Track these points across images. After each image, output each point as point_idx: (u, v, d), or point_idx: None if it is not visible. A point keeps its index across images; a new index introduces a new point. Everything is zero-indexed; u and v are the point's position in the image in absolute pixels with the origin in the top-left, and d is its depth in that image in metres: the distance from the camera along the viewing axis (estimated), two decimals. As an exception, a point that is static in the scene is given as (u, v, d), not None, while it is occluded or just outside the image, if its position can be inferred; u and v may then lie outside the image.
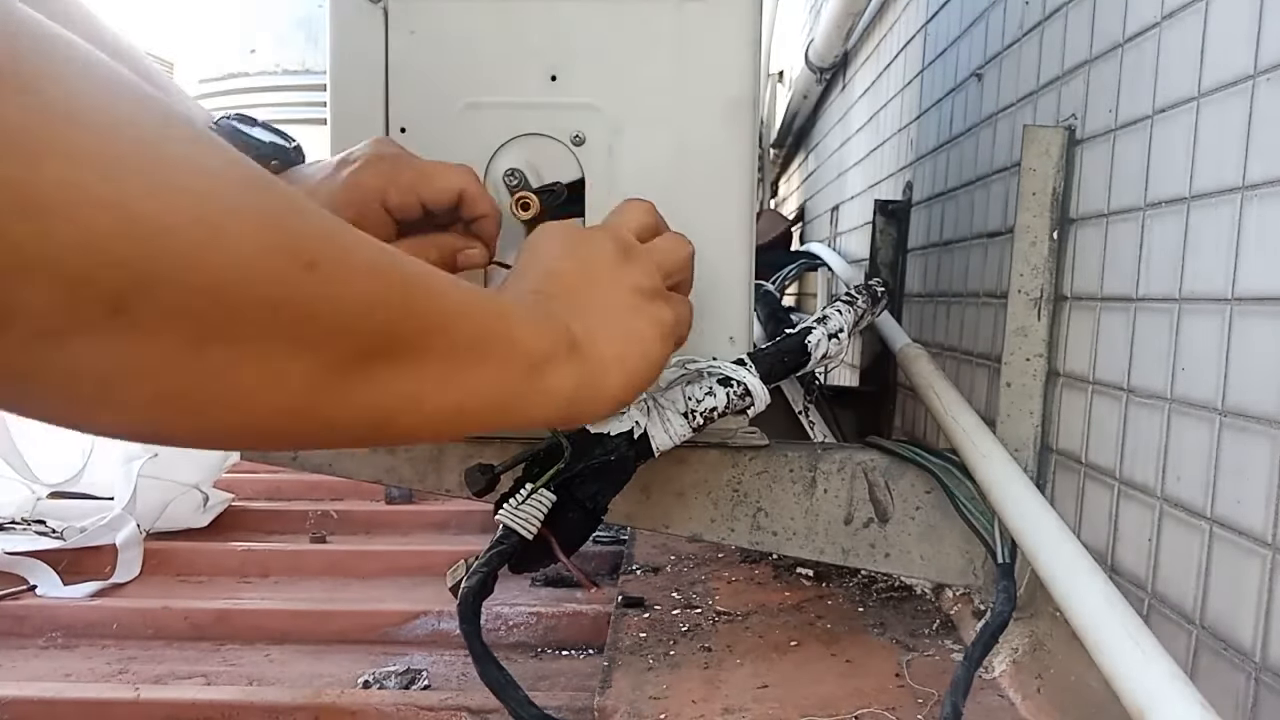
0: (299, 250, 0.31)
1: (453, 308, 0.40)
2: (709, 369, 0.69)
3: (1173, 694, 0.47)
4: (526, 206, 0.69)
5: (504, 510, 0.67)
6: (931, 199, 1.18)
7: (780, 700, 0.72)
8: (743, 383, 0.68)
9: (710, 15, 0.69)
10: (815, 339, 0.73)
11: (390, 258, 0.37)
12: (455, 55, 0.70)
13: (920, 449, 0.81)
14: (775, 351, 0.71)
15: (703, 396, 0.67)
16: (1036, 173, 0.75)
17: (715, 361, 0.70)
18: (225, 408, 0.32)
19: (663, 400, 0.67)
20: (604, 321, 0.51)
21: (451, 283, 0.41)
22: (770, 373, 0.70)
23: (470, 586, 0.70)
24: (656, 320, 0.53)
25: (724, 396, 0.68)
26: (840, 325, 0.74)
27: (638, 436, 0.66)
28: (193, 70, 2.66)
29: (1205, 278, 0.56)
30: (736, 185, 0.71)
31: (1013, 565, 0.71)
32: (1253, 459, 0.50)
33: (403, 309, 0.37)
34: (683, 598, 0.96)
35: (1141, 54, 0.65)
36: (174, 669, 1.02)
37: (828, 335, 0.73)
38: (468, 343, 0.41)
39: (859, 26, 1.77)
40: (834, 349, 0.74)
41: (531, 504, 0.67)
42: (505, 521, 0.68)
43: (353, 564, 1.33)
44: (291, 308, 0.31)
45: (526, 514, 0.67)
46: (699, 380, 0.68)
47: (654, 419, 0.67)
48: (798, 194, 2.80)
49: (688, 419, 0.67)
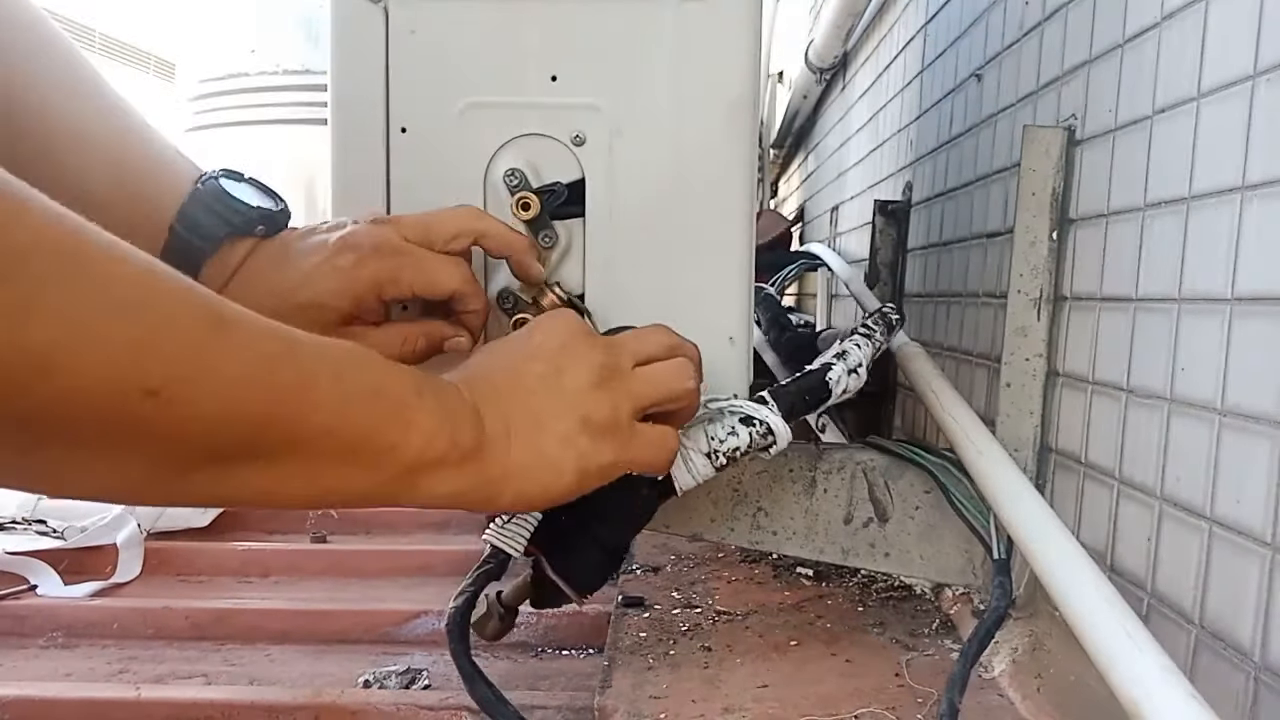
0: (141, 380, 0.34)
1: (324, 422, 0.42)
2: (730, 408, 0.68)
3: (1165, 686, 0.48)
4: (527, 206, 0.69)
5: (490, 530, 0.68)
6: (931, 199, 1.18)
7: (780, 700, 0.72)
8: (765, 422, 0.68)
9: (710, 15, 0.69)
10: (836, 375, 0.72)
11: (267, 372, 0.39)
12: (455, 55, 0.70)
13: (918, 448, 0.81)
14: (797, 390, 0.71)
15: (725, 436, 0.67)
16: (1036, 173, 0.75)
17: (736, 400, 0.69)
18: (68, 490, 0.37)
19: (685, 440, 0.66)
20: (529, 435, 0.51)
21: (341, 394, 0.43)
22: (792, 410, 0.70)
23: (457, 606, 0.71)
24: (582, 457, 0.52)
25: (747, 436, 0.67)
26: (859, 360, 0.74)
27: (661, 478, 0.65)
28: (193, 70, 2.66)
29: (1205, 278, 0.56)
30: (736, 185, 0.71)
31: (1008, 561, 0.72)
32: (1253, 459, 0.50)
33: (263, 423, 0.39)
34: (683, 597, 0.96)
35: (1141, 54, 0.65)
36: (174, 669, 1.02)
37: (848, 371, 0.73)
38: (336, 450, 0.43)
39: (859, 27, 1.77)
40: (854, 384, 0.73)
41: (518, 522, 0.68)
42: (492, 541, 0.68)
43: (353, 564, 1.33)
44: (126, 427, 0.35)
45: (513, 532, 0.68)
46: (720, 419, 0.68)
47: (677, 459, 0.65)
48: (798, 194, 2.80)
49: (710, 459, 0.66)
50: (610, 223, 0.71)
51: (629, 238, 0.71)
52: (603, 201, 0.70)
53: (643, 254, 0.71)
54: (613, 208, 0.70)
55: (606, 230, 0.71)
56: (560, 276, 0.71)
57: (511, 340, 0.56)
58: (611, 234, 0.71)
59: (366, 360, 0.46)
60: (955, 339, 1.02)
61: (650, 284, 0.71)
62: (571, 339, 0.55)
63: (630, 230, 0.71)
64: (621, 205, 0.70)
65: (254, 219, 0.64)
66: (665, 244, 0.71)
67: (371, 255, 0.62)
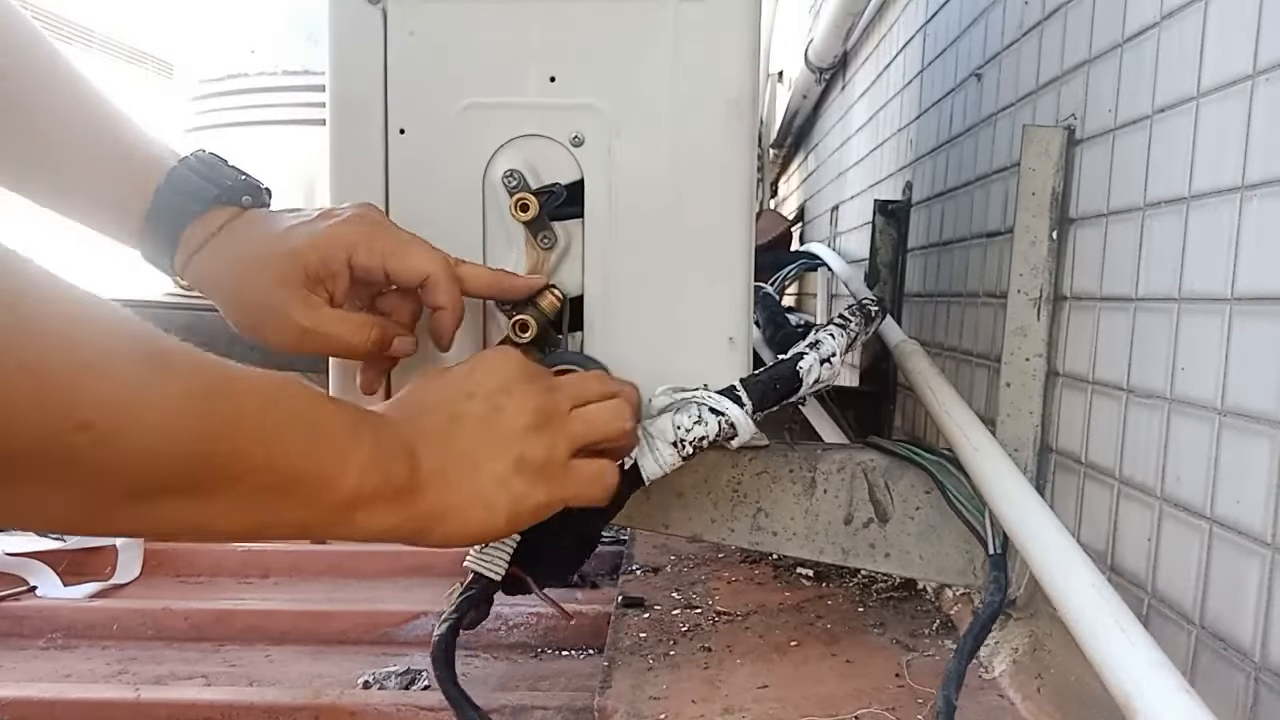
0: (71, 414, 0.34)
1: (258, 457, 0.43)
2: (697, 399, 0.69)
3: (1157, 680, 0.48)
4: (525, 208, 0.69)
5: (471, 556, 0.69)
6: (931, 199, 1.18)
7: (780, 700, 0.72)
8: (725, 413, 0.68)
9: (710, 15, 0.69)
10: (807, 364, 0.72)
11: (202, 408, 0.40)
12: (454, 56, 0.70)
13: (917, 447, 0.81)
14: (767, 379, 0.71)
15: (691, 425, 0.67)
16: (1036, 173, 0.75)
17: (702, 391, 0.69)
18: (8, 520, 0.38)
19: (652, 430, 0.67)
20: (463, 475, 0.52)
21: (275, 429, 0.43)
22: (762, 400, 0.70)
23: (441, 634, 0.71)
24: (515, 499, 0.54)
25: (715, 425, 0.68)
26: (833, 350, 0.74)
27: (628, 468, 0.66)
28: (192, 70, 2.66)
29: (1205, 278, 0.56)
30: (736, 185, 0.71)
31: (1004, 556, 0.72)
32: (1253, 459, 0.50)
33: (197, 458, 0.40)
34: (683, 598, 0.96)
35: (1141, 54, 0.64)
36: (174, 669, 1.02)
37: (819, 361, 0.73)
38: (270, 484, 0.44)
39: (858, 27, 1.77)
40: (826, 374, 0.73)
41: (496, 546, 0.68)
42: (472, 567, 0.69)
43: (353, 564, 1.33)
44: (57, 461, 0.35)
45: (492, 557, 0.68)
46: (686, 408, 0.68)
47: (643, 449, 0.67)
48: (798, 194, 2.80)
49: (677, 448, 0.67)
50: (609, 223, 0.71)
51: (628, 238, 0.71)
52: (601, 202, 0.70)
53: (642, 255, 0.71)
54: (612, 208, 0.70)
55: (605, 231, 0.71)
56: (559, 277, 0.71)
57: (453, 374, 0.57)
58: (610, 235, 0.71)
59: (302, 396, 0.46)
60: (955, 339, 1.02)
61: (649, 284, 0.71)
62: (511, 380, 0.56)
63: (629, 231, 0.71)
64: (620, 206, 0.70)
65: (240, 189, 0.66)
66: (664, 245, 0.71)
67: (351, 220, 0.63)
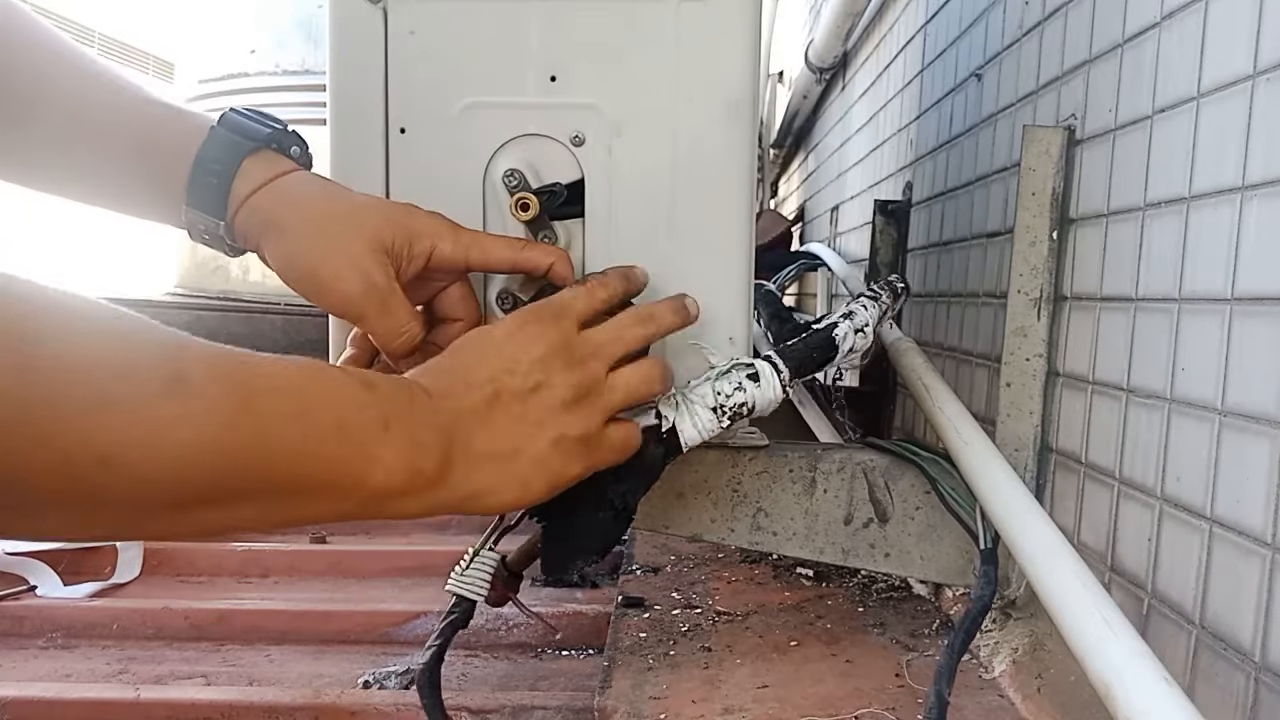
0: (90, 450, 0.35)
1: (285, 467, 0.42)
2: (738, 364, 0.67)
3: (1138, 670, 0.48)
4: (526, 207, 0.69)
5: (452, 580, 0.69)
6: (931, 199, 1.18)
7: (780, 700, 0.72)
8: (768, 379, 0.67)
9: (710, 15, 0.69)
10: (842, 332, 0.72)
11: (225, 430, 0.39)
12: (455, 55, 0.70)
13: (914, 446, 0.81)
14: (804, 346, 0.70)
15: (732, 391, 0.65)
16: (1036, 173, 0.75)
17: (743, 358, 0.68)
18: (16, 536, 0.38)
19: (692, 395, 0.65)
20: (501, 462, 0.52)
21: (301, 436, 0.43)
22: (800, 367, 0.69)
23: (426, 662, 0.71)
24: (554, 475, 0.53)
25: (753, 392, 0.66)
26: (866, 320, 0.74)
27: (665, 432, 0.63)
28: (193, 70, 2.66)
29: (1205, 278, 0.56)
30: (736, 185, 0.71)
31: (995, 551, 0.72)
32: (1253, 459, 0.50)
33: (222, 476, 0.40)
34: (683, 598, 0.96)
35: (1141, 54, 0.65)
36: (174, 669, 1.02)
37: (854, 330, 0.73)
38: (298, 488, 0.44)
39: (858, 27, 1.77)
40: (860, 343, 0.73)
41: (476, 567, 0.68)
42: (455, 590, 0.69)
43: (353, 564, 1.33)
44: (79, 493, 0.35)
45: (473, 578, 0.68)
46: (727, 375, 0.66)
47: (683, 413, 0.64)
48: (798, 194, 2.80)
49: (717, 414, 0.65)
50: (609, 223, 0.71)
51: (628, 238, 0.71)
52: (602, 202, 0.70)
53: (642, 254, 0.71)
54: (612, 208, 0.70)
55: (606, 230, 0.71)
56: (560, 277, 0.71)
57: (495, 338, 0.55)
58: (611, 234, 0.71)
59: (330, 388, 0.45)
60: (955, 339, 1.02)
61: (649, 284, 0.71)
62: (552, 349, 0.55)
63: (630, 230, 0.71)
64: (621, 205, 0.70)
65: (293, 138, 0.63)
66: (664, 244, 0.71)
67: (429, 211, 0.62)
